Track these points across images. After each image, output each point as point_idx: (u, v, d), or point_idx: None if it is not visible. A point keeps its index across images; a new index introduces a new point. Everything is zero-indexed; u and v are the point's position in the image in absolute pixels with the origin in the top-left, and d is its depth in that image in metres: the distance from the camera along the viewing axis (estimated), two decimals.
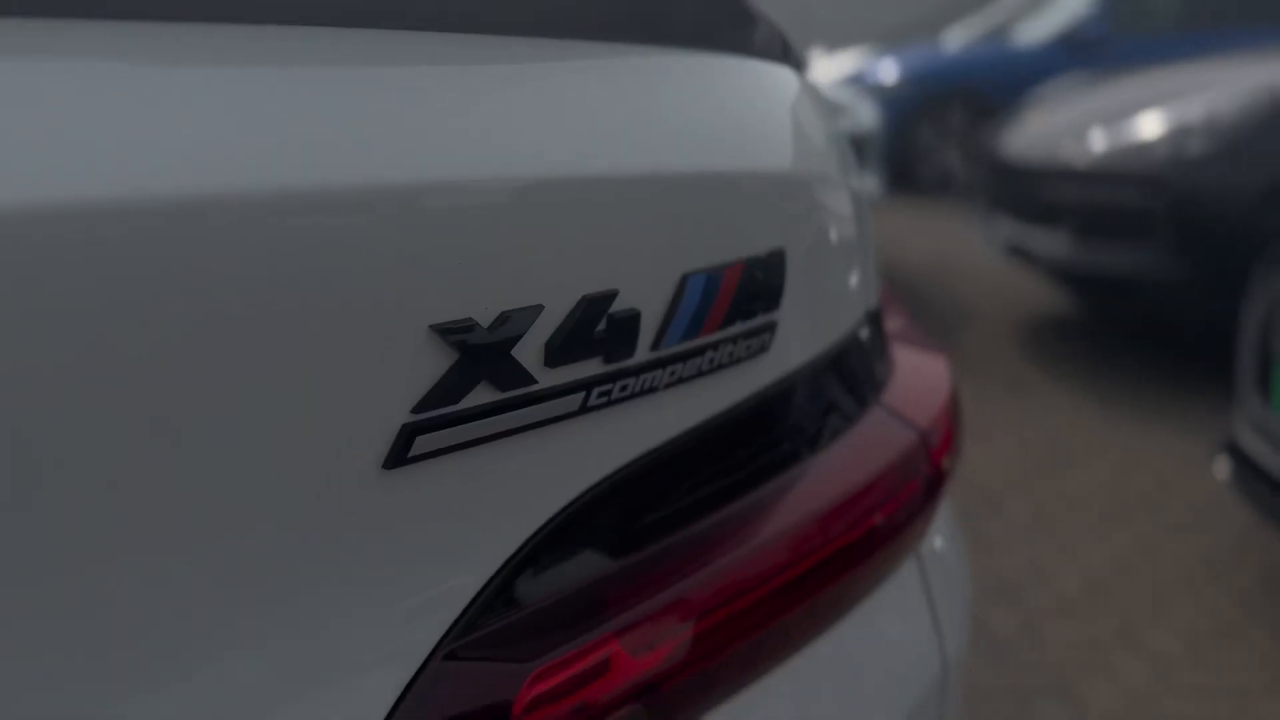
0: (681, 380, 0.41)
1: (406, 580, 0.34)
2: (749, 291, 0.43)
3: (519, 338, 0.35)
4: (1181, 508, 2.50)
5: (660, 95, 0.44)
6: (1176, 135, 3.12)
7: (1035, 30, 7.33)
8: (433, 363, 0.33)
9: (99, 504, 0.28)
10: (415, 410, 0.33)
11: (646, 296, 0.39)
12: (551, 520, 0.38)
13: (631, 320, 0.39)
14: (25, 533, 0.27)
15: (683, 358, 0.41)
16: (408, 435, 0.33)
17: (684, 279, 0.40)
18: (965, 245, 4.36)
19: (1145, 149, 3.17)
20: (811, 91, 0.56)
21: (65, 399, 0.27)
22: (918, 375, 0.60)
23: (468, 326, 0.34)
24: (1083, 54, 6.79)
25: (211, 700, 0.30)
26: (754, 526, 0.44)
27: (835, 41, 10.12)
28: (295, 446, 0.31)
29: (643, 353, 0.39)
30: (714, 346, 0.42)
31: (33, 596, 0.28)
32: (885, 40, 9.25)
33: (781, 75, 0.54)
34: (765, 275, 0.44)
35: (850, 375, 0.54)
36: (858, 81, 7.44)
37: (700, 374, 0.42)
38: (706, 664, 0.41)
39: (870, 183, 4.54)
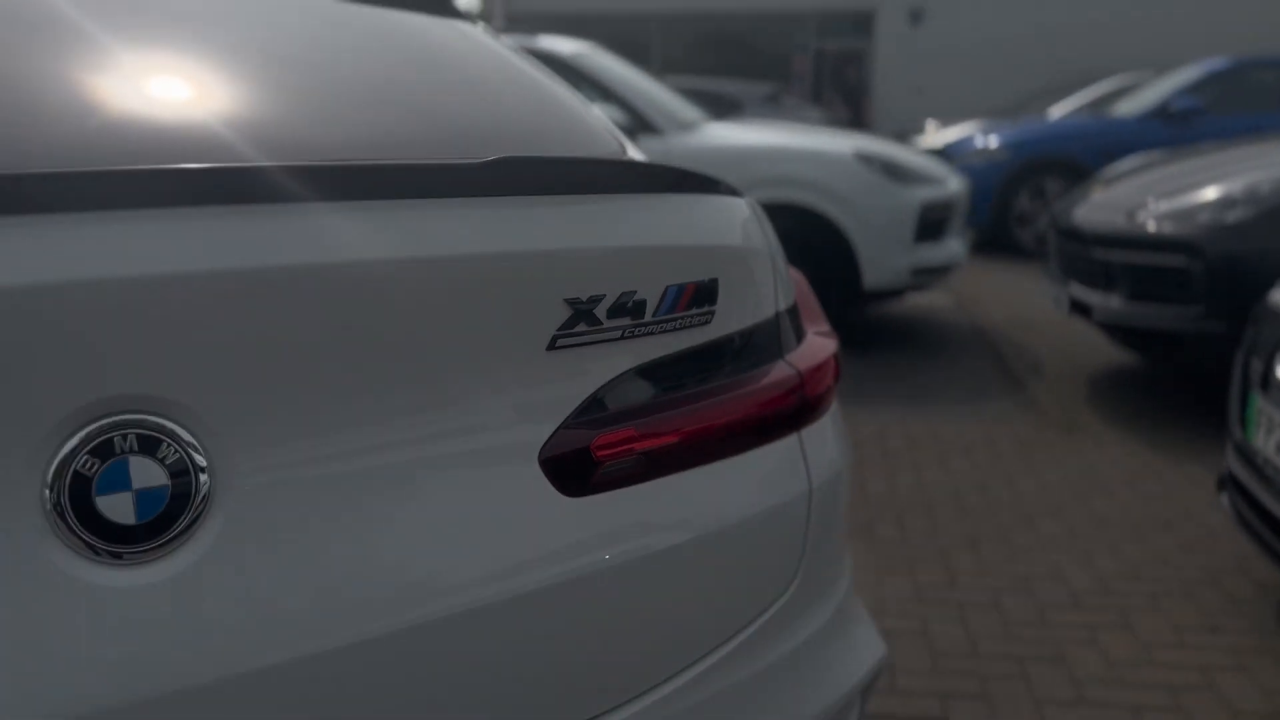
0: (666, 331, 0.94)
1: (550, 394, 0.89)
2: (699, 295, 0.96)
3: (595, 307, 0.89)
4: (1196, 529, 2.77)
5: (671, 213, 1.00)
6: (1219, 205, 3.43)
7: (1134, 104, 7.57)
8: (564, 312, 0.85)
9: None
10: (558, 330, 0.86)
11: (649, 293, 0.92)
12: (609, 382, 0.92)
13: (642, 303, 0.91)
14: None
15: (667, 321, 0.94)
16: (555, 339, 0.86)
17: (666, 288, 0.94)
18: (1047, 305, 4.71)
19: (1189, 217, 3.50)
20: (754, 209, 1.11)
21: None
22: (815, 348, 1.13)
23: (578, 300, 0.86)
24: (1177, 127, 6.97)
25: (490, 420, 0.86)
26: (697, 401, 0.98)
27: (949, 116, 10.51)
28: (522, 338, 0.84)
29: (648, 317, 0.93)
30: (682, 318, 0.95)
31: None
32: (994, 114, 9.50)
33: (734, 203, 1.08)
34: (708, 289, 0.98)
35: (765, 340, 1.07)
36: (951, 152, 7.74)
37: (675, 329, 0.94)
38: (670, 451, 0.95)
39: (954, 246, 4.92)
